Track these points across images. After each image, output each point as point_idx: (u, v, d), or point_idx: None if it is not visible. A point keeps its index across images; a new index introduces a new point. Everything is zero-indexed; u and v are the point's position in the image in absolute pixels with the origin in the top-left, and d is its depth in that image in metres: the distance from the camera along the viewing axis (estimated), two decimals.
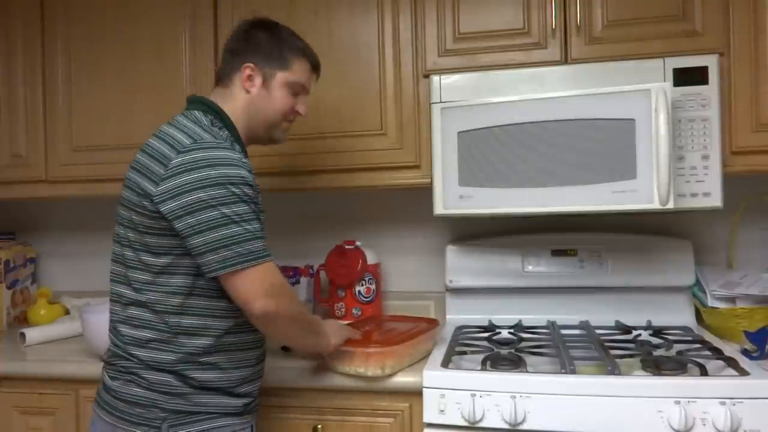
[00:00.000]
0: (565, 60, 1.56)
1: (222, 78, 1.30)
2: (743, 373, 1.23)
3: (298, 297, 1.20)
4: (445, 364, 1.36)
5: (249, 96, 1.27)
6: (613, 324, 1.68)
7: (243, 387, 1.22)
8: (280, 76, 1.29)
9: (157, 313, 1.14)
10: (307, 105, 1.39)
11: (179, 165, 1.09)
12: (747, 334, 1.41)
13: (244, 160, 1.15)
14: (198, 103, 1.25)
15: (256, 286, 1.09)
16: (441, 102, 1.56)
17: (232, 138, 1.24)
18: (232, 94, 1.27)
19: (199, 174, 1.08)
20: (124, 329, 1.17)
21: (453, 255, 1.83)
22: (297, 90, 1.32)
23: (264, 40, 1.28)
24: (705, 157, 1.45)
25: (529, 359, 1.37)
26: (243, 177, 1.12)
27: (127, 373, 1.16)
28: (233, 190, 1.09)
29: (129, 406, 1.15)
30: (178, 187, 1.08)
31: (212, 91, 1.32)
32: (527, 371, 1.30)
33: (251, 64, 1.26)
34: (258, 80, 1.27)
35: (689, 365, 1.28)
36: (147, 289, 1.14)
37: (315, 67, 1.37)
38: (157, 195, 1.09)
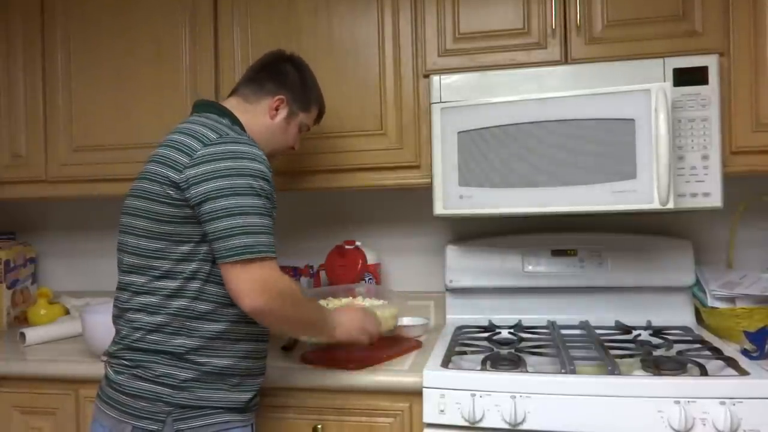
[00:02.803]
0: (565, 60, 1.56)
1: (247, 94, 1.37)
2: (743, 373, 1.24)
3: (298, 295, 1.20)
4: (445, 364, 1.36)
5: (271, 122, 1.37)
6: (613, 324, 1.68)
7: (248, 379, 1.23)
8: (300, 117, 1.43)
9: (172, 298, 1.16)
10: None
11: (204, 155, 1.14)
12: (747, 334, 1.41)
13: (264, 156, 1.20)
14: (211, 107, 1.31)
15: (248, 281, 1.11)
16: (441, 102, 1.56)
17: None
18: (254, 111, 1.35)
19: (221, 164, 1.13)
20: (135, 316, 1.18)
21: (453, 255, 1.83)
22: (303, 130, 1.47)
23: (297, 82, 1.41)
24: (705, 157, 1.45)
25: (529, 359, 1.37)
26: (262, 171, 1.17)
27: (133, 367, 1.17)
28: (251, 182, 1.14)
29: (134, 399, 1.16)
30: (200, 175, 1.13)
31: (225, 99, 1.39)
32: (527, 371, 1.30)
33: (283, 97, 1.38)
34: (284, 113, 1.38)
35: (689, 365, 1.28)
36: (167, 276, 1.16)
37: (321, 116, 1.52)
38: (182, 182, 1.13)
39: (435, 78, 1.58)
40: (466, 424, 1.27)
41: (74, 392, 1.55)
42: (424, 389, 1.31)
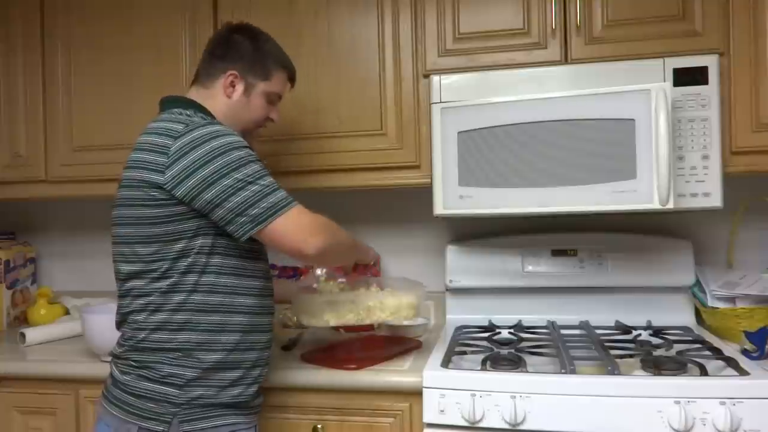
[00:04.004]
0: (565, 60, 1.56)
1: (203, 79, 1.33)
2: (743, 373, 1.24)
3: (334, 224, 1.23)
4: (445, 364, 1.36)
5: (230, 101, 1.32)
6: (613, 324, 1.68)
7: (253, 371, 1.24)
8: (261, 87, 1.34)
9: (171, 295, 1.16)
10: (281, 111, 1.46)
11: (180, 149, 1.13)
12: (747, 334, 1.41)
13: (233, 132, 1.19)
14: (176, 101, 1.28)
15: (297, 231, 1.13)
16: (441, 102, 1.56)
17: None
18: (212, 96, 1.31)
19: (200, 150, 1.12)
20: (138, 317, 1.18)
21: (453, 255, 1.83)
22: (273, 99, 1.38)
23: (249, 50, 1.32)
24: (705, 157, 1.45)
25: (529, 359, 1.37)
26: (240, 141, 1.16)
27: (140, 368, 1.17)
28: (239, 154, 1.14)
29: (140, 400, 1.16)
30: (185, 168, 1.12)
31: (189, 89, 1.35)
32: (527, 371, 1.30)
33: (235, 72, 1.31)
34: (240, 88, 1.32)
35: (689, 365, 1.28)
36: (165, 276, 1.16)
37: (291, 78, 1.43)
38: (168, 182, 1.12)
39: (435, 78, 1.58)
40: (466, 424, 1.27)
41: (74, 392, 1.55)
42: (424, 389, 1.31)
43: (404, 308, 1.38)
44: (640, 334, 1.57)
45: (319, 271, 1.58)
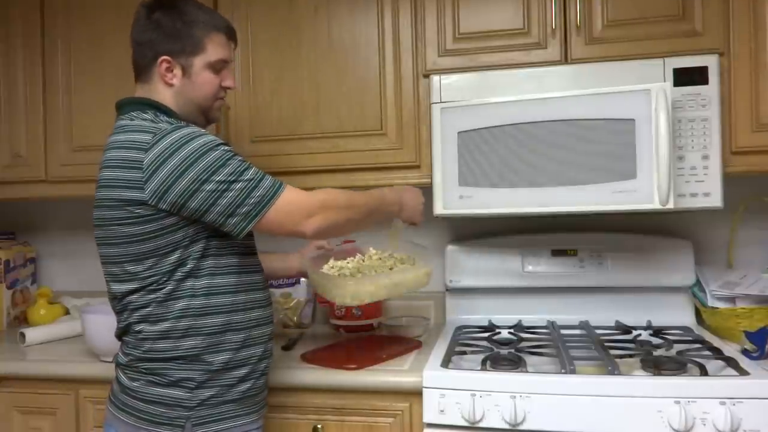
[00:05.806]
0: (565, 60, 1.56)
1: (140, 72, 1.25)
2: (743, 373, 1.24)
3: (340, 195, 1.19)
4: (445, 364, 1.36)
5: (173, 89, 1.22)
6: (613, 324, 1.68)
7: (262, 363, 1.24)
8: (198, 62, 1.22)
9: (170, 303, 1.14)
10: (236, 76, 1.42)
11: (153, 161, 1.09)
12: (747, 334, 1.41)
13: (204, 131, 1.15)
14: (131, 104, 1.22)
15: (290, 216, 1.12)
16: (441, 102, 1.56)
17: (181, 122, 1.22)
18: (155, 89, 1.23)
19: (175, 159, 1.08)
20: (138, 327, 1.16)
21: (453, 255, 1.83)
22: (219, 67, 1.26)
23: (170, 26, 1.20)
24: (705, 157, 1.45)
25: (529, 359, 1.37)
26: (213, 140, 1.12)
27: (149, 374, 1.16)
28: (214, 155, 1.10)
29: (151, 405, 1.15)
30: (164, 181, 1.08)
31: (136, 87, 1.27)
32: (527, 371, 1.30)
33: (166, 57, 1.20)
34: (177, 71, 1.22)
35: (689, 365, 1.28)
36: (161, 286, 1.14)
37: (230, 36, 1.29)
38: (150, 197, 1.09)
39: (435, 78, 1.58)
40: (466, 424, 1.27)
41: (74, 392, 1.55)
42: (424, 389, 1.31)
43: (422, 277, 1.41)
44: (640, 334, 1.57)
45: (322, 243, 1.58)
